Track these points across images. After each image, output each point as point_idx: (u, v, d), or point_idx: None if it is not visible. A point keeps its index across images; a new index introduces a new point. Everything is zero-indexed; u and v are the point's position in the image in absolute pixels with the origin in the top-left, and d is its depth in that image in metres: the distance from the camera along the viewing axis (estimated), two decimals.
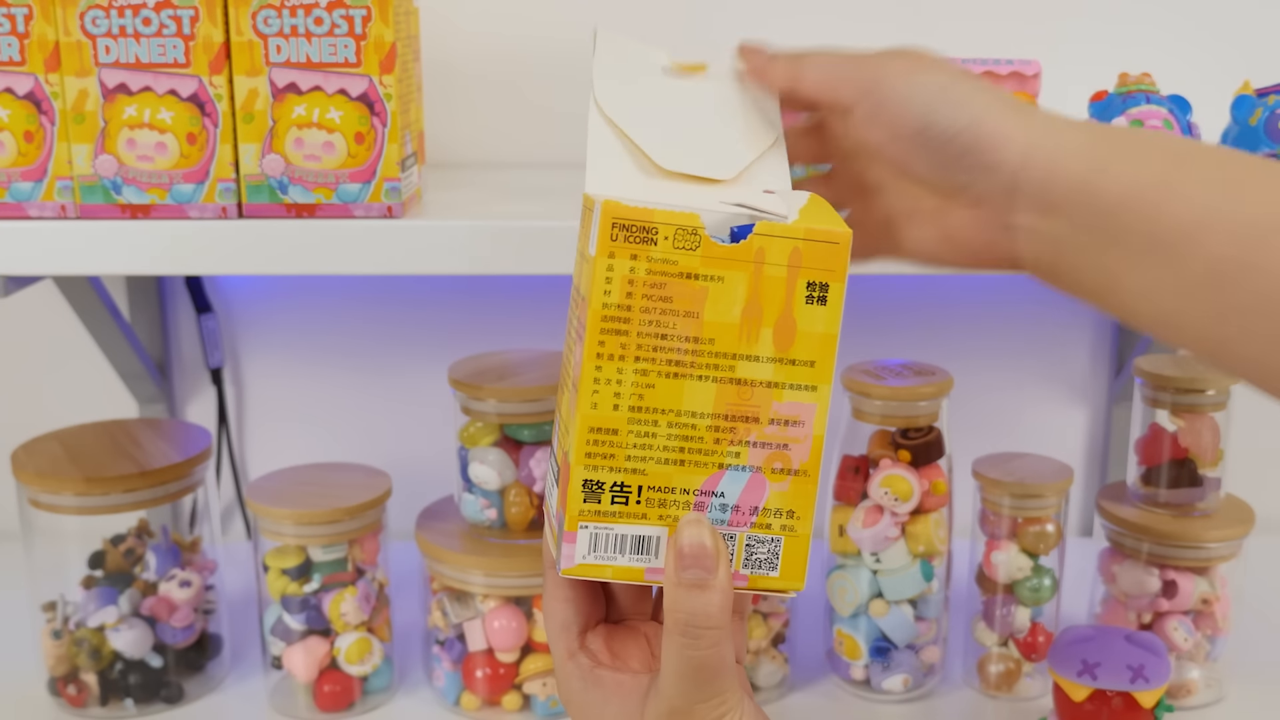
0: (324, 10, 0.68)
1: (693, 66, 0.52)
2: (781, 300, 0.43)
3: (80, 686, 0.86)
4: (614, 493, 0.44)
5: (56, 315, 1.11)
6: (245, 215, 0.71)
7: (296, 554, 0.85)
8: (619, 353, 0.42)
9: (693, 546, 0.43)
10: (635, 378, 0.43)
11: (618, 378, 0.42)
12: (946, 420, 0.88)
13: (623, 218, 0.41)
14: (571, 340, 0.46)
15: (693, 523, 0.44)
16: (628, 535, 0.44)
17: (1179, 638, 0.86)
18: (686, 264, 0.42)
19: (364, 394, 1.15)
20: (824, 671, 0.93)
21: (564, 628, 0.48)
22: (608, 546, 0.44)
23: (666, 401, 0.43)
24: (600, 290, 0.42)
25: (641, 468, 0.43)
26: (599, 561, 0.44)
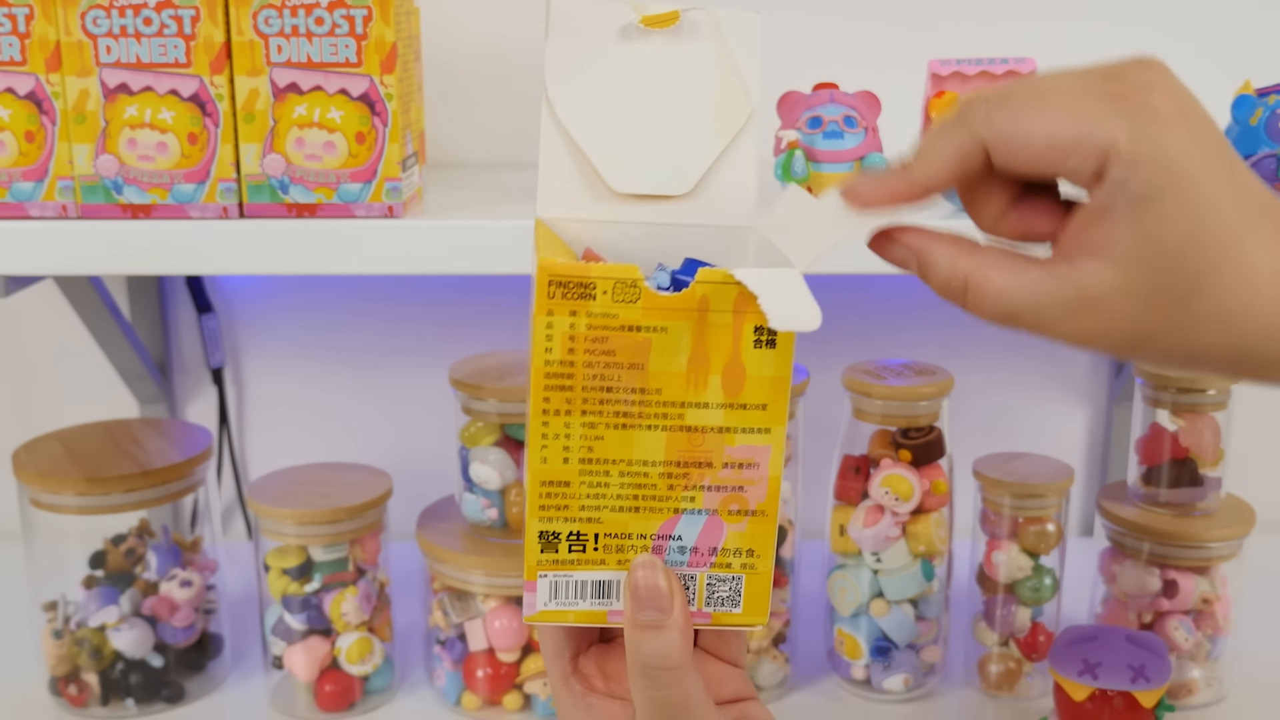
0: (325, 10, 0.68)
1: (662, 18, 0.48)
2: (729, 347, 0.42)
3: (81, 686, 0.86)
4: (570, 541, 0.44)
5: (57, 315, 1.11)
6: (246, 215, 0.71)
7: (297, 554, 0.85)
8: (565, 407, 0.42)
9: (647, 588, 0.43)
10: (584, 430, 0.43)
11: (565, 431, 0.43)
12: (947, 420, 0.88)
13: (560, 275, 0.41)
14: (529, 395, 0.46)
15: (645, 565, 0.44)
16: (587, 581, 0.45)
17: (1180, 637, 0.86)
18: (627, 317, 0.41)
19: (365, 394, 1.15)
20: (825, 671, 0.93)
21: (557, 653, 0.48)
22: (568, 593, 0.45)
23: (617, 452, 0.43)
24: (542, 347, 0.41)
25: (596, 516, 0.44)
26: (560, 608, 0.45)
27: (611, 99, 0.48)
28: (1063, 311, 0.40)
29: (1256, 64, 1.08)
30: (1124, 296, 0.38)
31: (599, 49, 0.48)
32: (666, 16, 0.48)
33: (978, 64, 0.75)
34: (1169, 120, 0.37)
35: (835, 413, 0.90)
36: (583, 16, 0.47)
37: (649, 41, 0.48)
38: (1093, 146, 0.38)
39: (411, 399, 1.15)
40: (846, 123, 0.74)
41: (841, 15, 1.07)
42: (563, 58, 0.47)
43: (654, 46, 0.48)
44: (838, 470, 0.89)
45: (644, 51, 0.48)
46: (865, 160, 0.74)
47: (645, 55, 0.48)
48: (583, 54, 0.47)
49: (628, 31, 0.48)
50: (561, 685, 0.48)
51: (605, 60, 0.48)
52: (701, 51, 0.48)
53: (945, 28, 1.07)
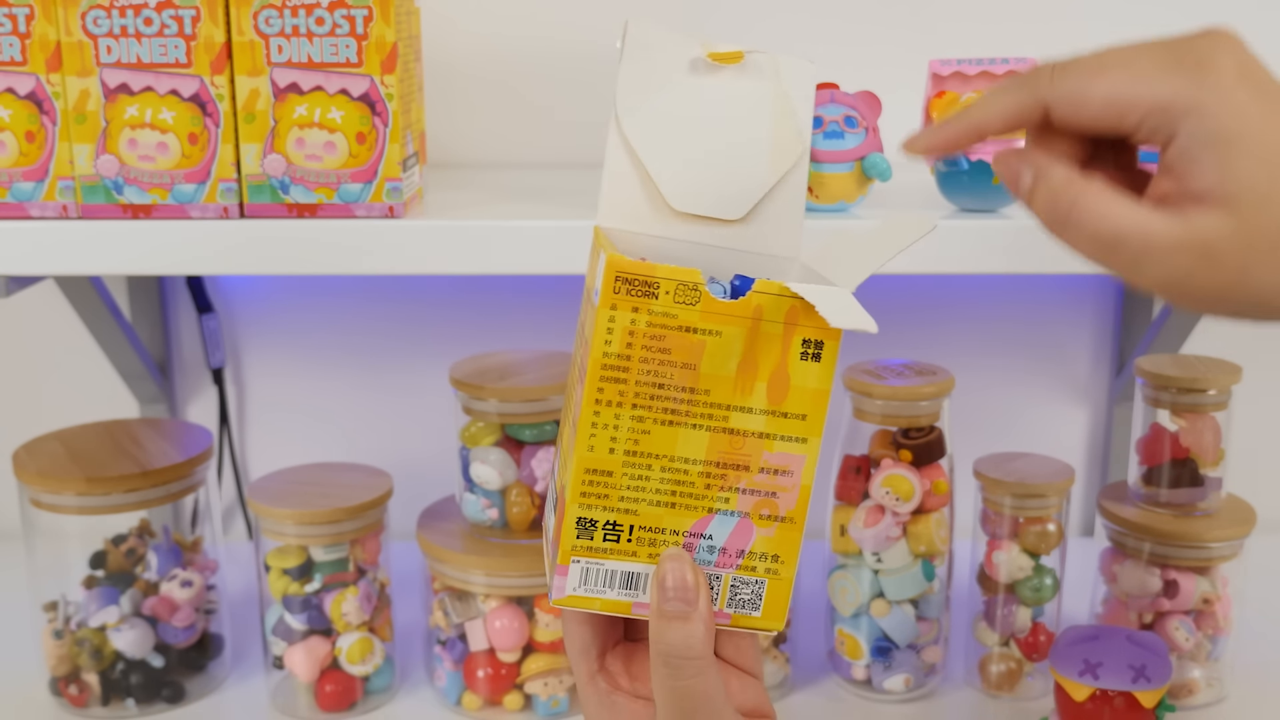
0: (325, 10, 0.68)
1: (728, 56, 0.52)
2: (777, 356, 0.44)
3: (81, 686, 0.86)
4: (606, 531, 0.45)
5: (58, 315, 1.11)
6: (247, 215, 0.71)
7: (298, 554, 0.85)
8: (617, 399, 0.44)
9: (675, 580, 0.45)
10: (632, 424, 0.44)
11: (615, 423, 0.44)
12: (948, 420, 0.88)
13: (626, 272, 0.43)
14: (574, 378, 0.48)
15: (674, 557, 0.45)
16: (617, 571, 0.46)
17: (1180, 637, 0.86)
18: (686, 318, 0.43)
19: (365, 394, 1.15)
20: (825, 671, 0.93)
21: (583, 651, 0.49)
22: (597, 580, 0.46)
23: (661, 447, 0.45)
24: (602, 339, 0.43)
25: (634, 508, 0.45)
26: (588, 594, 0.46)
27: (676, 124, 0.51)
28: (1170, 252, 0.39)
29: None
30: (1236, 242, 0.38)
31: (669, 77, 0.51)
32: (732, 55, 0.51)
33: (978, 64, 0.75)
34: (1230, 77, 0.39)
35: (836, 413, 0.90)
36: (656, 46, 0.51)
37: (715, 76, 0.51)
38: (1153, 102, 0.39)
39: (412, 399, 1.15)
40: (847, 123, 0.74)
41: (842, 16, 1.07)
42: (634, 81, 0.50)
43: (719, 81, 0.51)
44: (838, 470, 0.89)
45: (709, 85, 0.51)
46: (865, 160, 0.74)
47: (710, 88, 0.51)
48: (653, 80, 0.50)
49: (696, 65, 0.51)
50: (587, 682, 0.49)
51: (674, 88, 0.51)
52: (761, 90, 0.51)
53: (946, 28, 1.07)
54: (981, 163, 0.73)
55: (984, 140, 0.44)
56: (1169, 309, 1.06)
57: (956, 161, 0.73)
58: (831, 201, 0.74)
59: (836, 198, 0.74)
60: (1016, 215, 0.74)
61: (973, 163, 0.73)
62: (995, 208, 0.75)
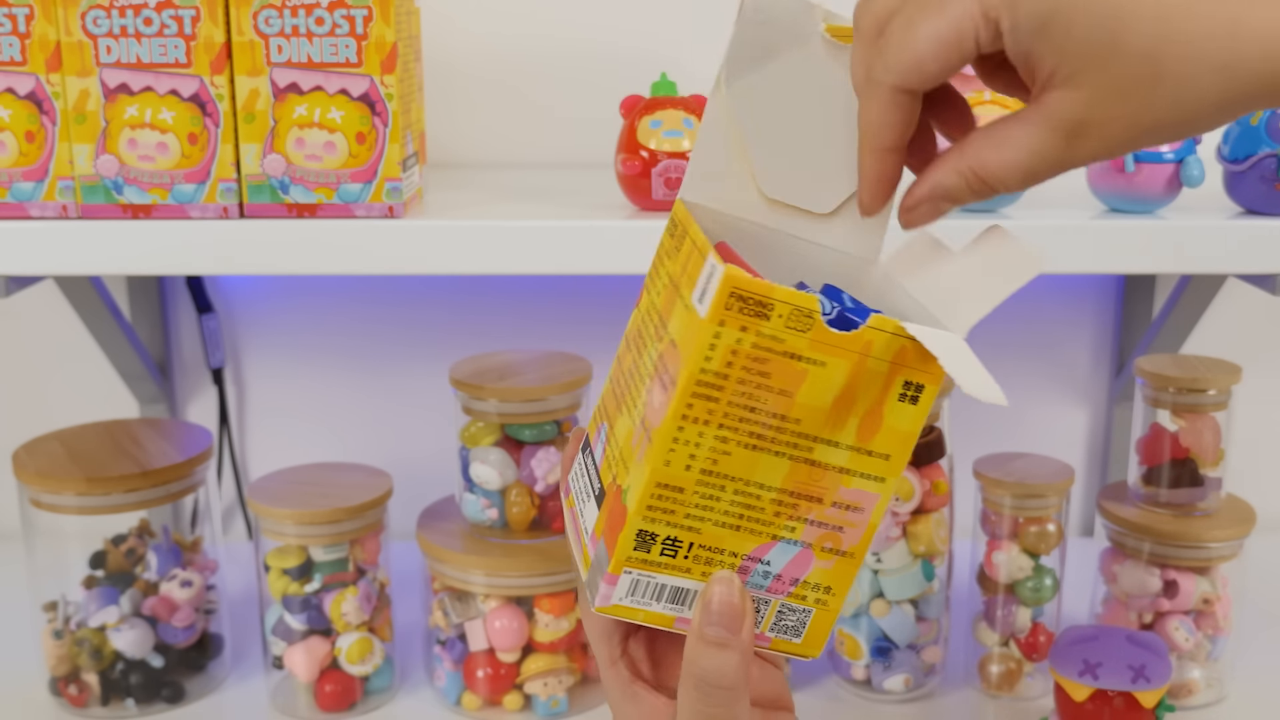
0: (325, 10, 0.68)
1: (848, 32, 0.48)
2: (876, 394, 0.42)
3: (81, 686, 0.86)
4: (665, 545, 0.44)
5: (58, 315, 1.11)
6: (246, 215, 0.71)
7: (298, 554, 0.85)
8: (705, 418, 0.42)
9: (722, 604, 0.43)
10: (714, 443, 0.42)
11: (697, 440, 0.42)
12: (947, 420, 0.88)
13: (743, 289, 0.40)
14: (645, 369, 0.45)
15: (724, 580, 0.43)
16: (667, 585, 0.44)
17: (1180, 638, 0.86)
18: (793, 344, 0.41)
19: (365, 394, 1.15)
20: (825, 671, 0.93)
21: (606, 636, 0.48)
22: (646, 593, 0.44)
23: (738, 470, 0.43)
24: (701, 355, 0.41)
25: (698, 526, 0.43)
26: (635, 605, 0.44)
27: (780, 102, 0.47)
28: (1061, 147, 0.40)
29: None
30: (1095, 109, 0.39)
31: (780, 48, 0.47)
32: (849, 32, 0.47)
33: None
34: None
35: None
36: (775, 9, 0.47)
37: (828, 55, 0.47)
38: (970, 17, 0.40)
39: (412, 399, 1.15)
40: None
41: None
42: (746, 46, 0.47)
43: (830, 61, 0.47)
44: None
45: (820, 63, 0.47)
46: None
47: (820, 67, 0.47)
48: (764, 48, 0.47)
49: (811, 39, 0.47)
50: (609, 666, 0.48)
51: (784, 61, 0.47)
52: None
53: None
54: None
55: (900, 156, 0.43)
56: (1169, 309, 1.06)
57: None
58: None
59: None
60: (1017, 215, 0.74)
61: None
62: (996, 208, 0.75)
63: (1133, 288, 1.13)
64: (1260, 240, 0.72)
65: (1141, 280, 1.12)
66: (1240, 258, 0.72)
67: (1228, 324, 1.15)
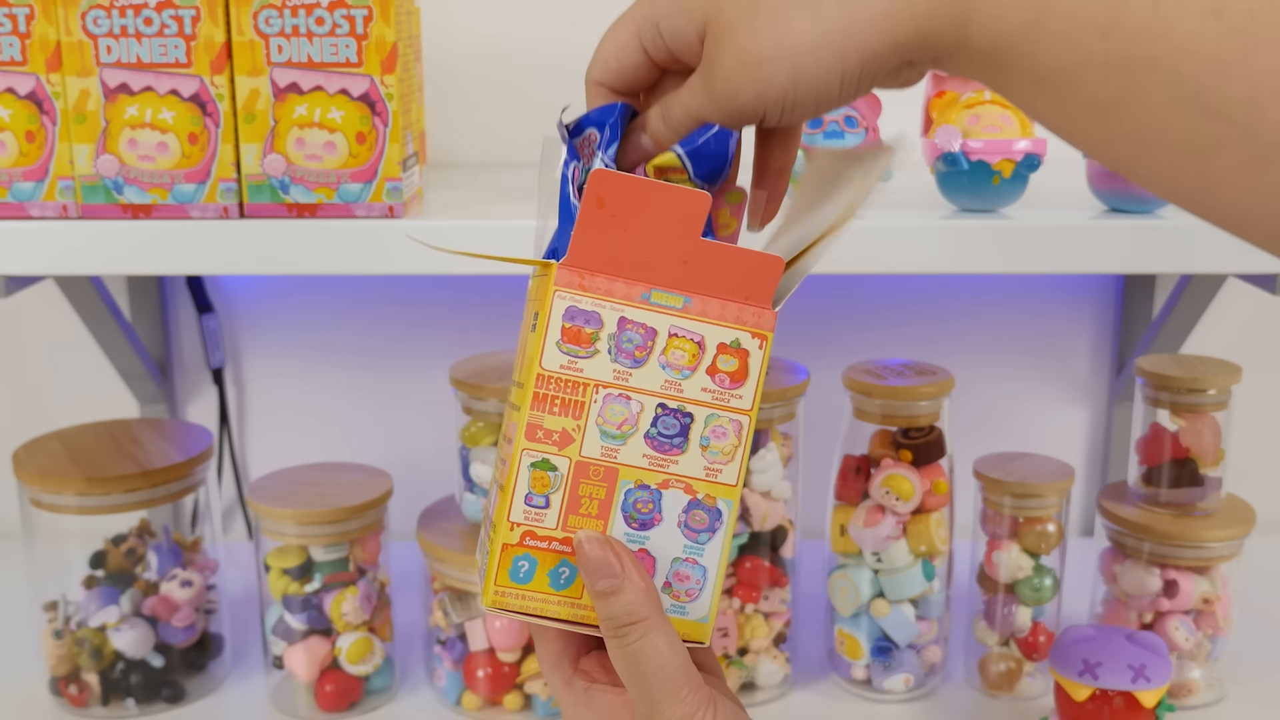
0: (325, 10, 0.68)
1: None
2: (531, 332, 0.47)
3: (81, 686, 0.86)
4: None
5: (58, 315, 1.11)
6: (247, 215, 0.71)
7: (298, 554, 0.85)
8: None
9: (594, 557, 0.45)
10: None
11: None
12: (948, 420, 0.88)
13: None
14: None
15: (588, 537, 0.45)
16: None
17: (1180, 637, 0.86)
18: (535, 291, 0.49)
19: (365, 394, 1.15)
20: (825, 671, 0.93)
21: (556, 663, 0.49)
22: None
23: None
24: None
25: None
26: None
27: None
28: (701, 88, 0.46)
29: None
30: (713, 43, 0.45)
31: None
32: None
33: None
34: None
35: (836, 413, 0.90)
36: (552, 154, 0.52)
37: None
38: (633, 29, 0.47)
39: (412, 399, 1.15)
40: (847, 122, 0.74)
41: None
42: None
43: None
44: (838, 470, 0.89)
45: None
46: None
47: None
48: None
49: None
50: (564, 689, 0.49)
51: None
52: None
53: None
54: (982, 163, 0.73)
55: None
56: (1169, 309, 1.06)
57: (956, 161, 0.73)
58: None
59: None
60: (1016, 215, 0.74)
61: (972, 163, 0.73)
62: (995, 208, 0.75)
63: (1133, 288, 1.13)
64: None
65: (1141, 280, 1.12)
66: (1240, 258, 0.72)
67: (1228, 324, 1.15)
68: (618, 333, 0.45)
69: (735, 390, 0.46)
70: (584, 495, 0.45)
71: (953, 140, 0.72)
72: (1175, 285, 1.07)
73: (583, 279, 0.45)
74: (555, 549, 0.46)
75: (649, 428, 0.46)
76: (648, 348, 0.45)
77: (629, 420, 0.45)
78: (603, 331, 0.45)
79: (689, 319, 0.45)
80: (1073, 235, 0.72)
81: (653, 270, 0.45)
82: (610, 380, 0.45)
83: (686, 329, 0.45)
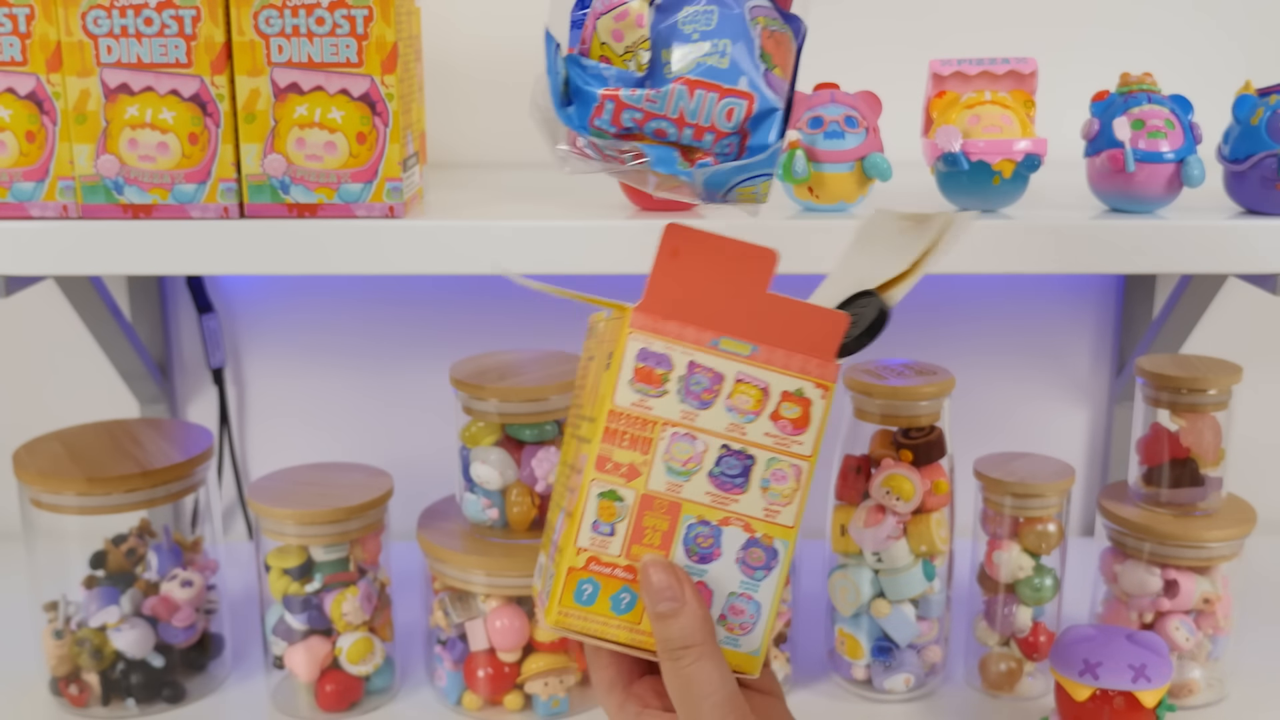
0: (325, 10, 0.68)
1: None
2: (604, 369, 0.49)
3: (82, 686, 0.86)
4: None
5: (58, 315, 1.11)
6: (247, 215, 0.71)
7: (298, 554, 0.85)
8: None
9: (660, 581, 0.47)
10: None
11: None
12: (948, 420, 0.88)
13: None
14: None
15: (655, 561, 0.47)
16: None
17: (1180, 637, 0.86)
18: (602, 327, 0.52)
19: (365, 394, 1.15)
20: (826, 671, 0.93)
21: (610, 688, 0.51)
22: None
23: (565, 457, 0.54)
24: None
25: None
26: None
27: None
28: None
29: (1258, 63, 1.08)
30: None
31: None
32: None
33: (979, 64, 0.75)
34: None
35: (836, 412, 0.90)
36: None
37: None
38: None
39: (412, 399, 1.15)
40: (847, 123, 0.74)
41: (842, 15, 1.07)
42: None
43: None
44: (839, 470, 0.89)
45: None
46: (866, 160, 0.74)
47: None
48: None
49: None
50: (617, 712, 0.51)
51: None
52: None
53: (946, 27, 1.07)
54: (982, 163, 0.73)
55: None
56: (1169, 309, 1.06)
57: (956, 162, 0.73)
58: (831, 201, 0.74)
59: (837, 198, 0.74)
60: (1016, 215, 0.74)
61: (973, 163, 0.73)
62: (995, 208, 0.75)
63: (1133, 288, 1.13)
64: (1260, 240, 0.72)
65: (1141, 280, 1.12)
66: (1240, 258, 0.72)
67: (1228, 324, 1.15)
68: (687, 375, 0.48)
69: (797, 436, 0.49)
70: (648, 526, 0.48)
71: (953, 140, 0.72)
72: (1175, 285, 1.07)
73: (656, 323, 0.47)
74: (618, 575, 0.48)
75: (712, 467, 0.48)
76: (715, 391, 0.48)
77: (694, 458, 0.48)
78: (673, 374, 0.48)
79: (755, 366, 0.48)
80: (1073, 235, 0.71)
81: (722, 318, 0.48)
82: (678, 420, 0.48)
83: (752, 375, 0.48)
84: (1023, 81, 0.75)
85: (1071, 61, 1.01)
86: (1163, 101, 0.74)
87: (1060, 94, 0.89)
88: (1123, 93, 0.75)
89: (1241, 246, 0.72)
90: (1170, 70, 0.88)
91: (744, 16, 0.51)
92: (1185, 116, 0.74)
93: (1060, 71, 0.92)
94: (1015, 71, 0.75)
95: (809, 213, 0.75)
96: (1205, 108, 0.79)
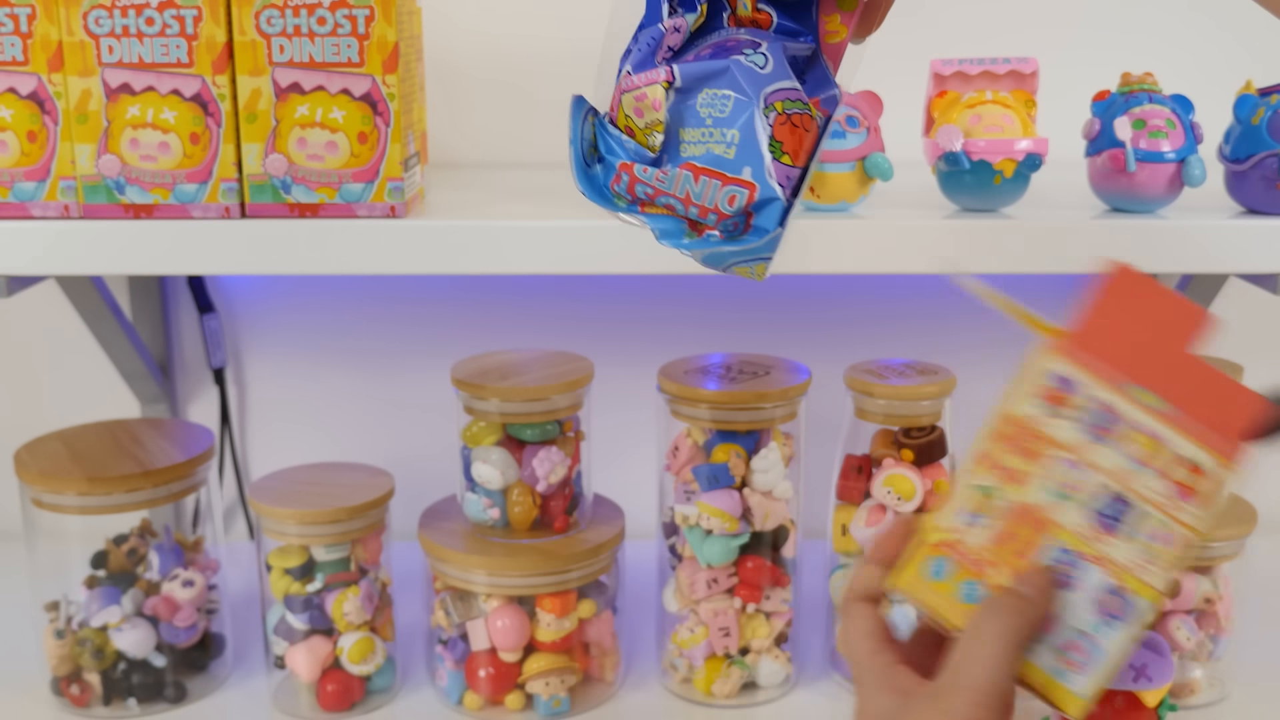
0: (327, 10, 0.68)
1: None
2: None
3: (83, 686, 0.86)
4: None
5: (59, 315, 1.11)
6: (248, 215, 0.71)
7: (299, 553, 0.85)
8: None
9: (1038, 575, 0.50)
10: None
11: None
12: (949, 419, 0.88)
13: None
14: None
15: (1038, 568, 0.50)
16: None
17: (1182, 637, 0.86)
18: None
19: (366, 394, 1.15)
20: (827, 671, 0.93)
21: (869, 632, 0.52)
22: None
23: None
24: None
25: None
26: None
27: None
28: None
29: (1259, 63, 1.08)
30: None
31: None
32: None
33: (980, 63, 0.75)
34: None
35: (837, 412, 0.90)
36: None
37: None
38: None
39: (413, 399, 1.15)
40: (849, 122, 0.74)
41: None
42: None
43: None
44: (840, 470, 0.89)
45: None
46: (867, 160, 0.74)
47: None
48: None
49: None
50: (867, 657, 0.51)
51: None
52: None
53: (947, 26, 1.07)
54: (983, 162, 0.73)
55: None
56: None
57: (957, 161, 0.73)
58: (833, 201, 0.74)
59: (838, 197, 0.74)
60: (1016, 215, 0.74)
61: (974, 162, 0.73)
62: (995, 208, 0.75)
63: None
64: (1261, 240, 0.72)
65: None
66: (1241, 258, 0.72)
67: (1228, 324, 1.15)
68: (1091, 409, 0.49)
69: (1186, 504, 0.49)
70: (1015, 533, 0.50)
71: (954, 140, 0.72)
72: (1175, 285, 1.06)
73: (1078, 353, 0.50)
74: (971, 567, 0.50)
75: (1092, 501, 0.49)
76: (1112, 431, 0.49)
77: (1075, 487, 0.49)
78: (1077, 401, 0.49)
79: (1158, 421, 0.49)
80: (1074, 235, 0.72)
81: (1140, 366, 0.49)
82: (1069, 445, 0.49)
83: (1153, 429, 0.49)
84: (1024, 81, 0.75)
85: (1072, 61, 1.01)
86: (1164, 101, 0.74)
87: (1061, 94, 0.89)
88: (1124, 92, 0.75)
89: (1242, 246, 0.72)
90: (1171, 70, 0.88)
91: (758, 104, 0.52)
92: (1186, 116, 0.74)
93: (1061, 71, 0.92)
94: (1016, 71, 0.75)
95: (810, 212, 0.75)
96: (1206, 107, 0.79)
